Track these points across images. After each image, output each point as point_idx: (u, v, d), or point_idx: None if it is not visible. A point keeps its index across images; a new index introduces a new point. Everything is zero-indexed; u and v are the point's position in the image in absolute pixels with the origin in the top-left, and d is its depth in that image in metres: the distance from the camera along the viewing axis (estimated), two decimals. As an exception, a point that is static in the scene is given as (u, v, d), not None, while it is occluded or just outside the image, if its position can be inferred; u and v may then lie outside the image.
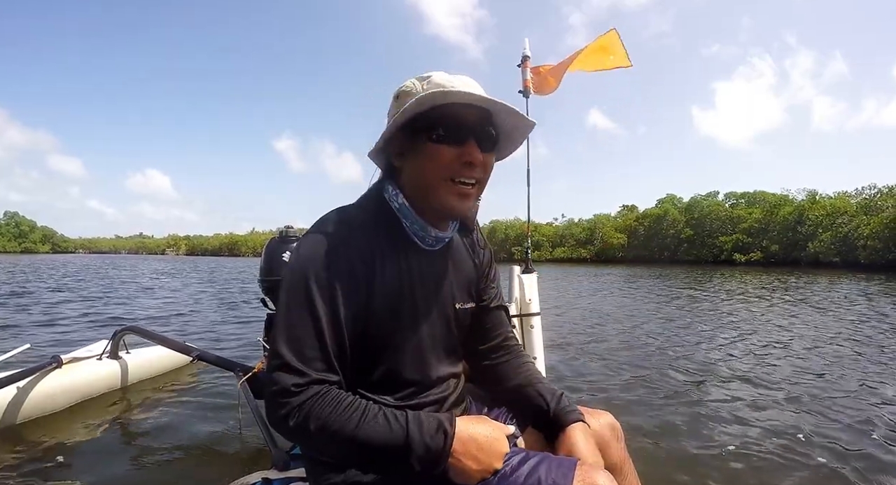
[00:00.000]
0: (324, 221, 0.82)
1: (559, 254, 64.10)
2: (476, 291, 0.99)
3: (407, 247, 0.86)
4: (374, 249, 0.80)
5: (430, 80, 0.82)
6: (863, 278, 18.86)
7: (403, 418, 0.72)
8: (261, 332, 2.22)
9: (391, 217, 0.86)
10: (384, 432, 0.70)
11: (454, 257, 0.94)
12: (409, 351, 0.85)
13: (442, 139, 0.79)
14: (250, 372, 2.09)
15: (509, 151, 0.92)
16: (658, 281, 16.91)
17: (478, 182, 0.83)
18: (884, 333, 5.54)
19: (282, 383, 0.71)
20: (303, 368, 0.71)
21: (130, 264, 29.96)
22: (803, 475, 1.95)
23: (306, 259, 0.77)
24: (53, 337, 4.85)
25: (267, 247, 2.13)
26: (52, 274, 17.67)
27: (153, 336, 2.68)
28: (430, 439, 0.70)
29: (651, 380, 3.41)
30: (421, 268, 0.86)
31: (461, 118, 0.79)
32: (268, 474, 1.53)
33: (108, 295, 9.80)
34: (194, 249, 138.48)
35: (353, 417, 0.71)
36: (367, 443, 0.70)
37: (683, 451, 2.18)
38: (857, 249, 36.07)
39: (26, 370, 2.38)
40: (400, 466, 0.70)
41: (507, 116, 0.82)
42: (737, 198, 58.43)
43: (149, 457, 2.09)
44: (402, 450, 0.70)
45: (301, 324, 0.74)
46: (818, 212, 43.71)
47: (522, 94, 2.81)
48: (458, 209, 0.83)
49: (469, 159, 0.79)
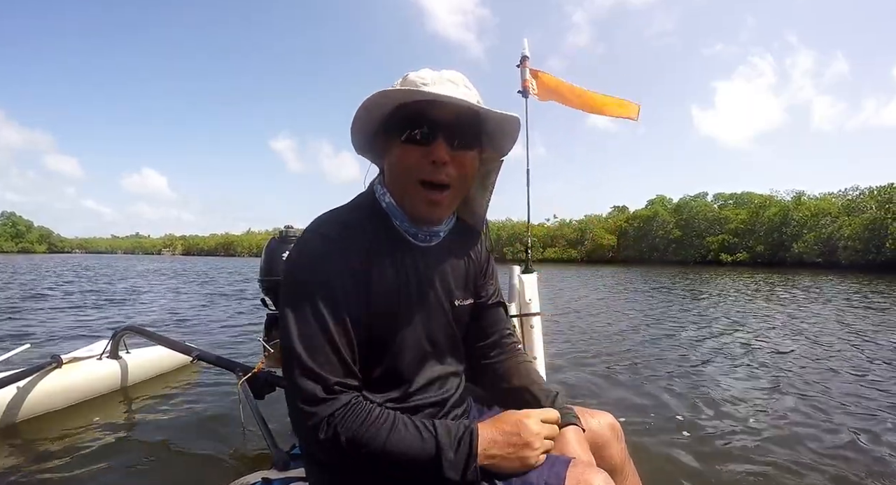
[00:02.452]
0: (318, 223, 0.81)
1: (550, 255, 64.10)
2: (474, 287, 0.97)
3: (401, 245, 0.84)
4: (369, 249, 0.79)
5: (406, 79, 0.81)
6: (837, 279, 19.15)
7: (431, 427, 0.72)
8: (261, 332, 2.25)
9: (383, 216, 0.85)
10: (414, 443, 0.70)
11: (450, 253, 0.92)
12: (409, 350, 0.84)
13: (409, 139, 0.78)
14: (250, 372, 2.09)
15: (508, 144, 0.90)
16: (649, 281, 17.05)
17: (451, 184, 0.80)
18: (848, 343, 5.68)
19: (306, 392, 0.71)
20: (323, 373, 0.71)
21: (124, 266, 29.39)
22: (805, 475, 1.95)
23: (305, 263, 0.76)
24: (53, 337, 4.82)
25: (267, 247, 2.12)
26: (46, 275, 17.34)
27: (153, 336, 2.69)
28: (459, 445, 0.70)
29: (651, 379, 3.43)
30: (416, 266, 0.85)
31: (429, 117, 0.77)
32: (268, 473, 1.53)
33: (104, 295, 9.68)
34: (190, 249, 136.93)
35: (382, 429, 0.70)
36: (398, 455, 0.69)
37: (684, 451, 2.18)
38: (838, 250, 36.69)
39: (26, 370, 2.39)
40: (433, 475, 0.70)
41: (488, 112, 0.80)
42: (725, 199, 59.16)
43: (149, 457, 2.10)
44: (433, 460, 0.69)
45: (311, 329, 0.73)
46: (803, 213, 44.43)
47: (521, 95, 2.78)
48: (428, 216, 0.82)
49: (434, 158, 0.77)
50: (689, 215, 56.17)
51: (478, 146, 0.84)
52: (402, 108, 0.78)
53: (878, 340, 5.13)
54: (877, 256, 32.88)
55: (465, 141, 0.80)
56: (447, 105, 0.76)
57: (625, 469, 0.96)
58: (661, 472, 1.96)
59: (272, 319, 2.14)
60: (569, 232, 68.07)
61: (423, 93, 0.75)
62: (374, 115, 0.80)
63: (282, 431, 2.19)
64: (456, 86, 0.80)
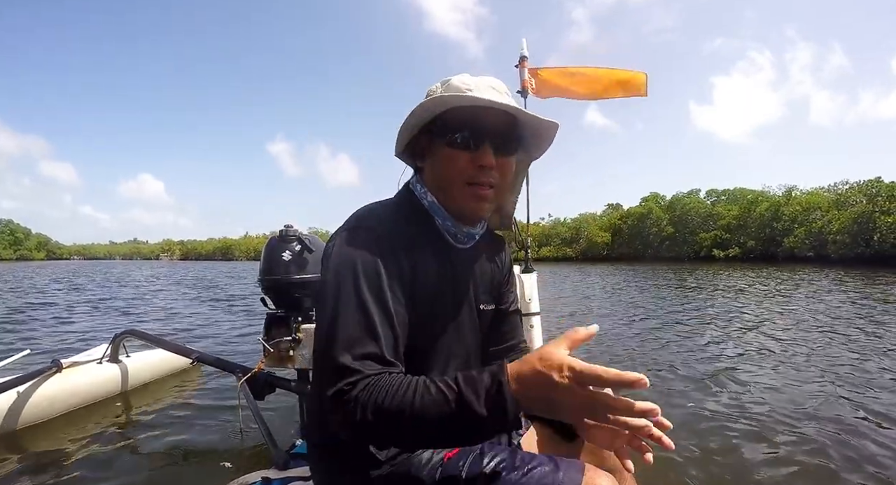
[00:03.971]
0: (358, 217, 0.80)
1: (545, 253, 64.33)
2: (498, 293, 0.97)
3: (441, 245, 0.85)
4: (413, 246, 0.78)
5: (449, 84, 0.82)
6: (825, 272, 19.37)
7: (454, 383, 0.63)
8: (260, 332, 2.26)
9: (424, 214, 0.85)
10: (441, 403, 0.62)
11: (481, 257, 0.93)
12: (439, 352, 0.84)
13: (457, 144, 0.79)
14: (250, 373, 2.11)
15: (541, 149, 0.91)
16: (643, 278, 17.17)
17: (495, 185, 0.82)
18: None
19: (337, 382, 0.65)
20: (357, 366, 0.66)
21: (121, 272, 29.13)
22: (805, 475, 1.95)
23: (349, 251, 0.74)
24: (53, 341, 4.82)
25: (267, 246, 2.13)
26: (44, 282, 17.18)
27: (153, 339, 2.69)
28: (488, 395, 0.60)
29: (652, 380, 3.38)
30: (455, 267, 0.85)
31: (477, 122, 0.78)
32: (268, 473, 1.54)
33: (104, 300, 9.65)
34: (188, 254, 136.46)
35: (406, 396, 0.63)
36: (428, 420, 0.62)
37: (684, 450, 2.17)
38: (827, 244, 37.08)
39: (26, 375, 2.39)
40: (472, 431, 0.62)
41: (528, 117, 0.81)
42: (717, 195, 59.66)
43: (150, 458, 2.12)
44: (467, 417, 0.60)
45: (352, 320, 0.69)
46: (794, 208, 44.87)
47: (521, 95, 2.78)
48: (475, 211, 0.83)
49: (482, 163, 0.79)
50: (682, 212, 56.56)
51: (516, 151, 0.85)
52: (448, 112, 0.79)
53: (871, 330, 5.22)
54: (866, 249, 33.26)
55: (508, 147, 0.82)
56: (494, 111, 0.78)
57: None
58: (662, 472, 1.96)
59: (272, 319, 2.16)
60: (563, 231, 68.38)
61: (479, 99, 0.76)
62: (419, 119, 0.82)
63: (282, 431, 2.23)
64: (498, 93, 0.82)
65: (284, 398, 2.55)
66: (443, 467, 0.80)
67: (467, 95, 0.78)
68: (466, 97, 0.77)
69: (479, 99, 0.76)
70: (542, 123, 0.83)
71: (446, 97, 0.78)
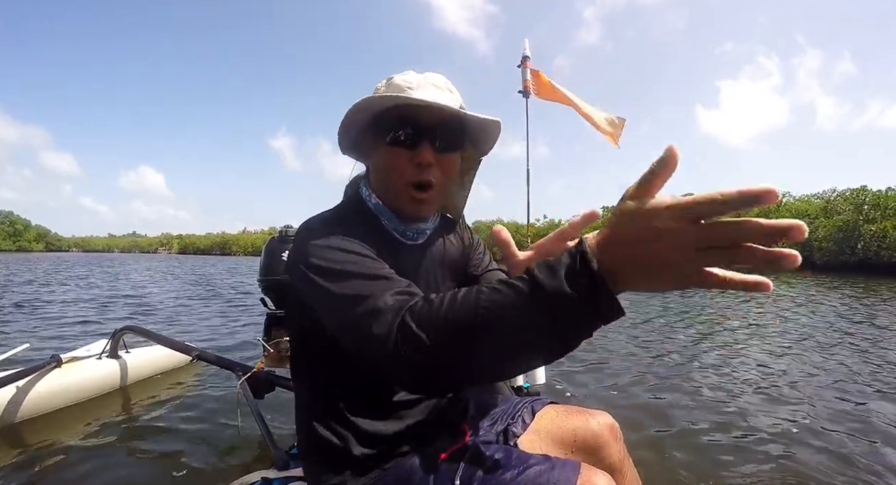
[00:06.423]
0: (307, 227, 0.80)
1: (543, 254, 64.52)
2: (466, 264, 0.99)
3: (392, 244, 0.85)
4: (364, 241, 0.78)
5: (391, 82, 0.83)
6: (810, 279, 19.43)
7: (525, 272, 0.51)
8: (260, 332, 2.27)
9: (371, 216, 0.86)
10: (514, 295, 0.49)
11: (439, 247, 0.94)
12: None
13: (396, 142, 0.80)
14: (250, 372, 2.12)
15: (489, 145, 0.92)
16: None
17: (437, 183, 0.82)
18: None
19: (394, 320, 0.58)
20: (403, 298, 0.62)
21: (120, 265, 29.07)
22: (805, 474, 1.96)
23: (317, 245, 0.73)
24: (52, 336, 4.80)
25: (267, 246, 2.14)
26: (44, 274, 17.15)
27: (153, 336, 2.69)
28: (570, 270, 0.47)
29: (650, 379, 3.44)
30: (407, 264, 0.85)
31: (415, 120, 0.79)
32: (267, 473, 1.53)
33: (104, 295, 9.61)
34: (186, 248, 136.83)
35: (470, 299, 0.53)
36: (507, 320, 0.49)
37: (684, 450, 2.18)
38: (813, 251, 37.25)
39: (26, 370, 2.39)
40: (558, 321, 0.47)
41: (468, 117, 0.82)
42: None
43: (148, 457, 2.11)
44: (549, 304, 0.47)
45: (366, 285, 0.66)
46: (783, 214, 44.87)
47: (522, 95, 2.81)
48: (414, 214, 0.85)
49: (419, 161, 0.79)
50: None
51: (460, 148, 0.86)
52: (388, 110, 0.80)
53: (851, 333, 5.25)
54: (850, 257, 33.40)
55: (448, 144, 0.82)
56: (432, 109, 0.78)
57: (623, 468, 0.97)
58: (662, 472, 1.97)
59: (272, 319, 2.16)
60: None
61: (411, 99, 0.77)
62: (359, 117, 0.83)
63: (281, 430, 2.23)
64: (440, 90, 0.82)
65: (284, 398, 2.55)
66: (438, 466, 0.80)
67: (401, 96, 0.78)
68: (401, 97, 0.78)
69: (413, 99, 0.77)
70: (483, 121, 0.84)
71: (375, 98, 0.79)
